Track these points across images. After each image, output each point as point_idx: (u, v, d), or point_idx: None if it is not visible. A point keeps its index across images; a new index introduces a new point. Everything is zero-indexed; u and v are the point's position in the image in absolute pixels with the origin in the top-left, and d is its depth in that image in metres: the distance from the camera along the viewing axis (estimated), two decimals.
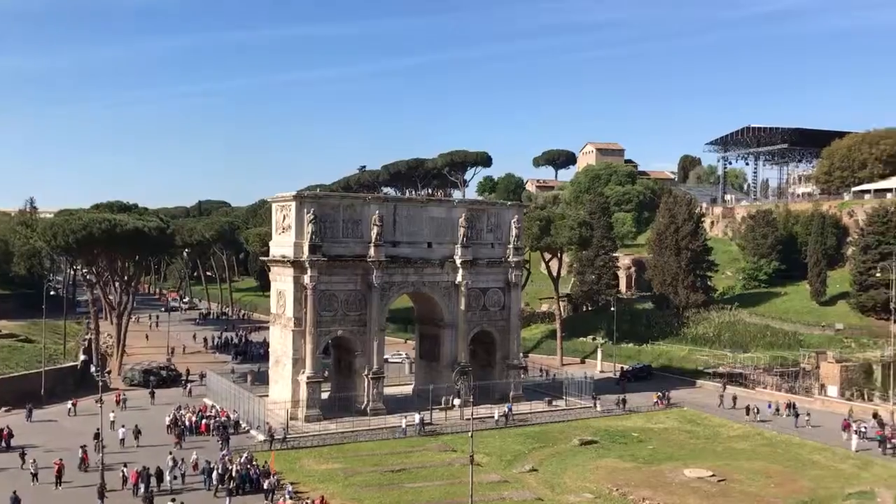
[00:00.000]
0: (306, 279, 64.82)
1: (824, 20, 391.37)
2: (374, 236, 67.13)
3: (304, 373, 65.16)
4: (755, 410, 68.64)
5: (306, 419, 64.15)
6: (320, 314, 65.59)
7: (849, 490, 48.43)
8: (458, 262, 71.25)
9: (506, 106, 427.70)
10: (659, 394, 74.91)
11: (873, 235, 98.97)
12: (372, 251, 67.03)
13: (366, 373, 67.16)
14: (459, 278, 71.51)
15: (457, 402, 68.44)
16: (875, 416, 66.29)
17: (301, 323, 65.33)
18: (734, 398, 73.98)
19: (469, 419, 47.15)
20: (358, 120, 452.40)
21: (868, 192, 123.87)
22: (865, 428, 61.15)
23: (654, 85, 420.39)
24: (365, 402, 66.82)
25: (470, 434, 44.88)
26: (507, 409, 67.21)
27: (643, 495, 46.99)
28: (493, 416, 66.14)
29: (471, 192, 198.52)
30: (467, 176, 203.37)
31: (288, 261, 65.88)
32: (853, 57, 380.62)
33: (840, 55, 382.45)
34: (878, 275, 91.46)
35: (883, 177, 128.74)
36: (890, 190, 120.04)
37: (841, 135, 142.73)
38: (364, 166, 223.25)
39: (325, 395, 68.14)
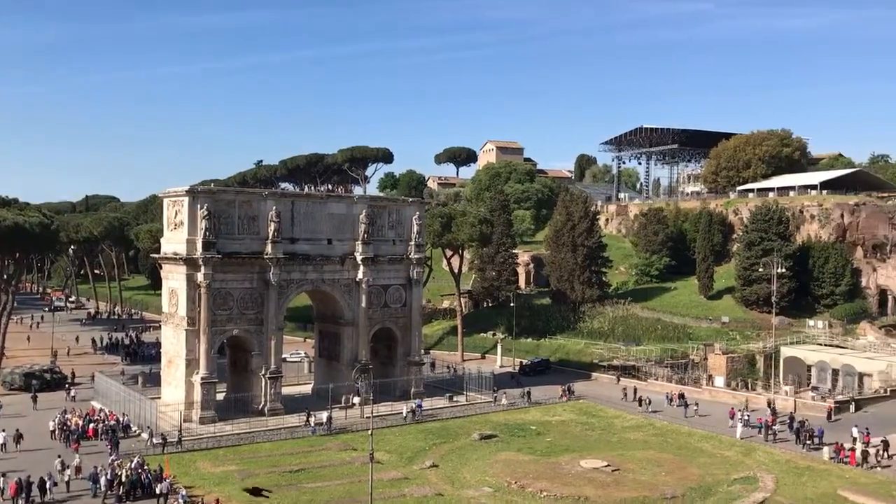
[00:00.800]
0: (200, 277, 62.83)
1: (714, 26, 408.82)
2: (271, 233, 65.68)
3: (198, 373, 63.17)
4: (647, 401, 71.05)
5: (201, 421, 62.21)
6: (215, 313, 63.72)
7: (734, 476, 50.67)
8: (358, 258, 70.63)
9: (407, 102, 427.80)
10: (564, 387, 76.51)
11: (756, 233, 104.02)
12: (269, 248, 65.58)
13: (263, 372, 65.72)
14: (360, 275, 70.92)
15: (356, 400, 67.91)
16: (769, 404, 69.29)
17: (195, 322, 63.29)
18: (635, 390, 76.07)
19: (370, 417, 46.85)
20: (254, 115, 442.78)
21: (752, 191, 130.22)
22: (748, 416, 64.15)
23: (553, 85, 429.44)
24: (262, 403, 65.38)
25: (370, 432, 44.53)
26: (415, 406, 67.17)
27: (541, 487, 47.76)
28: (395, 414, 66.05)
29: (372, 189, 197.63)
30: (368, 172, 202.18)
31: (180, 258, 63.67)
32: (740, 61, 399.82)
33: (728, 59, 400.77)
34: (760, 270, 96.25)
35: (765, 176, 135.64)
36: (772, 189, 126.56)
37: (727, 136, 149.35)
38: (261, 161, 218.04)
39: (220, 396, 66.29)
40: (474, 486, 48.68)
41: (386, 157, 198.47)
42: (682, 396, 71.90)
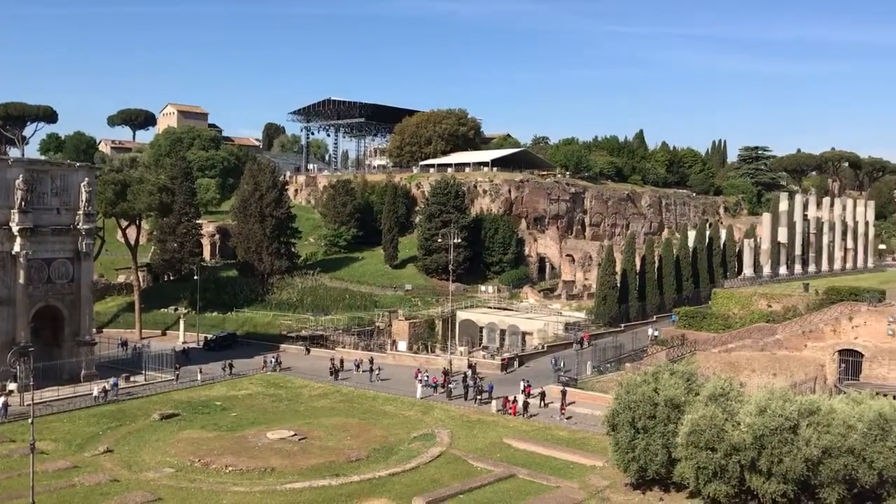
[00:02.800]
0: None
1: (399, 3, 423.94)
2: None
3: None
4: (337, 368, 71.86)
5: None
6: None
7: (414, 434, 53.51)
8: (15, 229, 62.68)
9: (74, 58, 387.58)
10: (271, 357, 75.43)
11: (436, 205, 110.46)
12: None
13: None
14: (17, 248, 63.05)
15: (13, 386, 60.57)
16: (470, 366, 72.74)
17: None
18: (342, 361, 75.18)
19: (31, 404, 41.93)
20: None
21: (432, 166, 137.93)
22: (427, 377, 68.05)
23: (239, 51, 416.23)
24: None
25: (30, 421, 39.86)
26: (109, 385, 61.92)
27: (226, 462, 46.42)
28: (61, 399, 60.05)
29: (32, 151, 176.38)
30: (27, 132, 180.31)
31: None
32: (423, 40, 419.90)
33: (412, 37, 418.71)
34: (439, 241, 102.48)
35: (445, 153, 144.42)
36: (450, 165, 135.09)
37: (411, 113, 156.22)
38: None
39: None
40: (154, 468, 45.95)
41: (48, 115, 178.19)
42: (371, 361, 73.59)
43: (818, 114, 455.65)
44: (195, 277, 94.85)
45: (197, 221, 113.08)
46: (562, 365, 69.62)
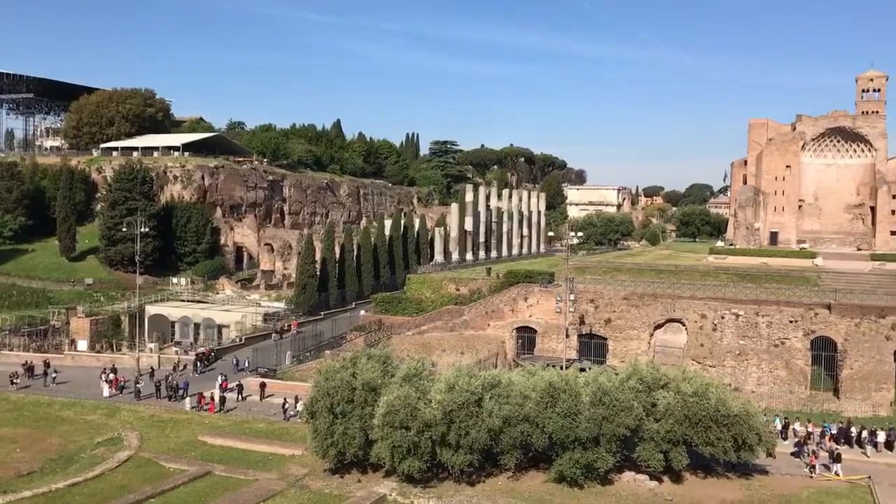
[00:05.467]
0: None
1: None
2: None
3: None
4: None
5: None
6: None
7: (98, 439, 49.08)
8: None
9: None
10: None
11: (121, 192, 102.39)
12: None
13: None
14: None
15: None
16: (175, 366, 67.91)
17: None
18: (46, 363, 65.96)
19: None
20: None
21: (116, 149, 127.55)
22: (111, 377, 62.63)
23: None
24: None
25: None
26: None
27: None
28: None
29: None
30: None
31: None
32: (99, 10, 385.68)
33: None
34: (124, 230, 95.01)
35: (129, 135, 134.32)
36: (136, 149, 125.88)
37: (90, 90, 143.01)
38: None
39: None
40: None
41: None
42: (47, 365, 65.80)
43: (499, 112, 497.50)
44: None
45: None
46: (246, 364, 67.81)
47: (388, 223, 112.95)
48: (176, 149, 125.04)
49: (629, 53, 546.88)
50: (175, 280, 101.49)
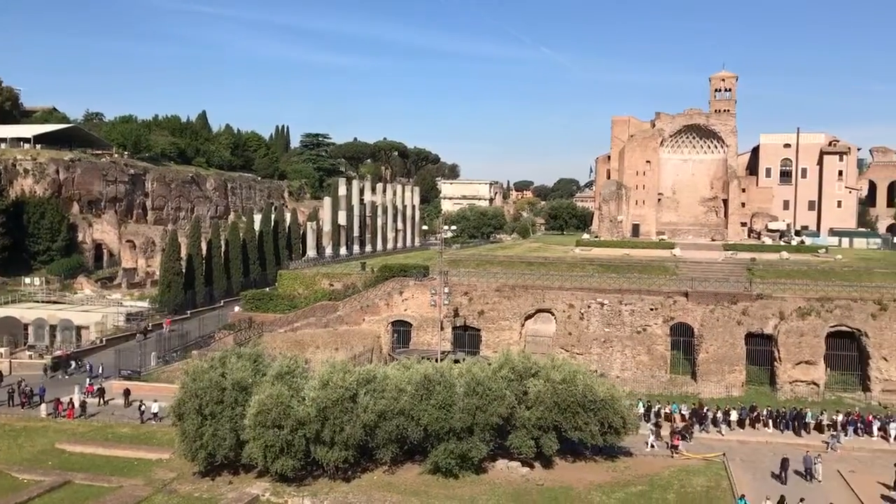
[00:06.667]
0: None
1: None
2: None
3: None
4: None
5: None
6: None
7: None
8: None
9: None
10: None
11: None
12: None
13: None
14: None
15: None
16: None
17: None
18: None
19: None
20: None
21: None
22: None
23: None
24: None
25: None
26: None
27: None
28: None
29: None
30: None
31: None
32: None
33: None
34: None
35: None
36: None
37: None
38: None
39: None
40: None
41: None
42: None
43: (372, 106, 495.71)
44: None
45: None
46: (100, 370, 64.26)
47: (257, 218, 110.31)
48: (26, 140, 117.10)
49: (499, 51, 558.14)
50: (28, 280, 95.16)
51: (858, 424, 52.38)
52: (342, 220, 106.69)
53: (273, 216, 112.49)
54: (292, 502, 39.20)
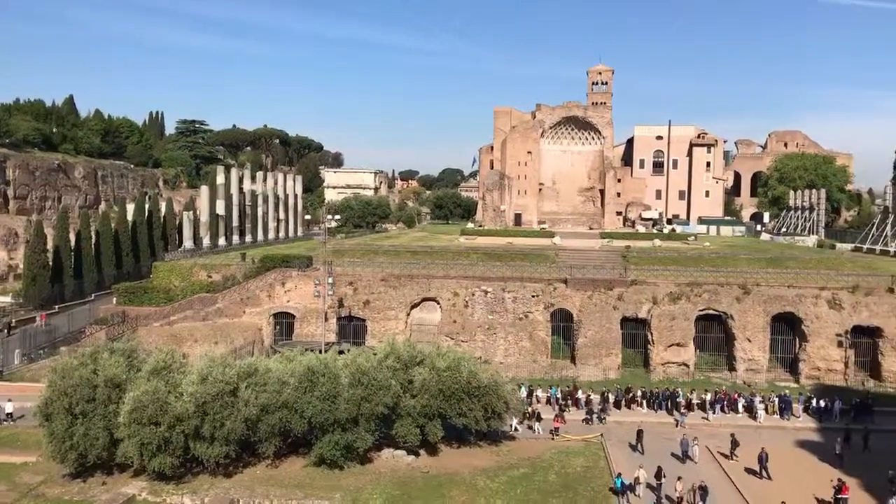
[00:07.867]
0: None
1: None
2: None
3: None
4: None
5: None
6: None
7: None
8: None
9: None
10: None
11: None
12: None
13: None
14: None
15: None
16: None
17: None
18: None
19: None
20: None
21: None
22: None
23: None
24: None
25: None
26: None
27: None
28: None
29: None
30: None
31: None
32: None
33: None
34: None
35: None
36: None
37: None
38: None
39: None
40: None
41: None
42: None
43: (252, 92, 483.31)
44: None
45: None
46: None
47: (130, 207, 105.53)
48: None
49: (385, 39, 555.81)
50: None
51: (725, 402, 55.62)
52: (221, 209, 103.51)
53: (147, 205, 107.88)
54: (171, 501, 37.88)
